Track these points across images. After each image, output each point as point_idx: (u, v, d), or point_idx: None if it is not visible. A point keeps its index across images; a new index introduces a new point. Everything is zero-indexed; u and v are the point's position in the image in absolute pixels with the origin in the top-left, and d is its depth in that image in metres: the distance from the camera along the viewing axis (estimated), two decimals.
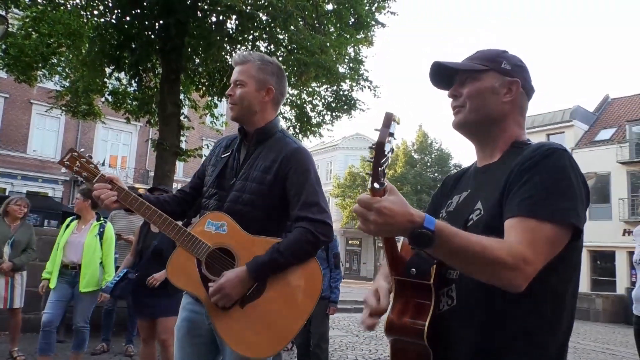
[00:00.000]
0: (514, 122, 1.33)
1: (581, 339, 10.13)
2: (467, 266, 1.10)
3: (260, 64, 2.04)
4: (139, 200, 1.93)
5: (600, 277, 24.43)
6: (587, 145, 26.28)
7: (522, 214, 1.10)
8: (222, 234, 1.90)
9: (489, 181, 1.28)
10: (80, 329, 4.48)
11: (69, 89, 11.35)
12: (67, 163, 1.97)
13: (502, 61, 1.32)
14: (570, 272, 1.20)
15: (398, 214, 1.01)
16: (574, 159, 1.18)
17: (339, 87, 10.12)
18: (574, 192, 1.12)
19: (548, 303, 1.16)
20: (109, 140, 26.18)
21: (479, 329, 1.17)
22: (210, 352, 2.01)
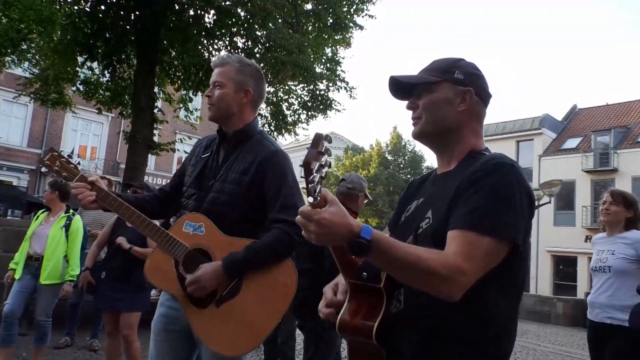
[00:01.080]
0: (470, 131, 1.36)
1: (541, 341, 10.44)
2: (403, 275, 1.15)
3: (239, 66, 2.06)
4: (118, 200, 1.94)
5: (563, 282, 25.19)
6: (554, 153, 27.02)
7: (463, 227, 1.15)
8: (199, 235, 1.93)
9: (442, 190, 1.31)
10: (42, 323, 4.36)
11: (38, 77, 11.07)
12: (47, 162, 1.98)
13: (455, 71, 1.34)
14: (511, 282, 1.24)
15: (337, 225, 1.05)
16: (521, 173, 1.22)
17: (316, 87, 10.18)
18: (515, 208, 1.17)
19: (489, 312, 1.20)
20: (78, 129, 25.55)
21: (422, 334, 1.21)
22: (186, 347, 2.03)
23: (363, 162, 32.74)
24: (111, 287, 4.01)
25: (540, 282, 25.72)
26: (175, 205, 2.17)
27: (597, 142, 25.76)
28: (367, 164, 32.38)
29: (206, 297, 1.90)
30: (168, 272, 1.93)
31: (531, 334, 11.61)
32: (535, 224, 25.94)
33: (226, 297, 1.90)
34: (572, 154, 26.11)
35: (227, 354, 1.92)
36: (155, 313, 2.10)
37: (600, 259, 3.35)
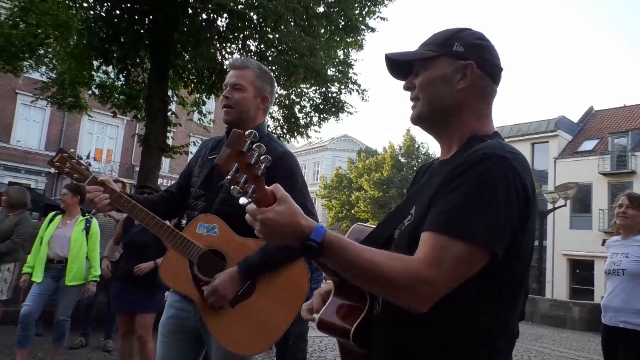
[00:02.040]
0: (473, 112, 1.18)
1: (557, 346, 10.28)
2: (358, 281, 1.04)
3: (259, 72, 2.10)
4: (131, 202, 1.97)
5: (579, 286, 24.83)
6: (570, 156, 26.70)
7: (434, 229, 1.00)
8: (213, 236, 1.95)
9: (430, 182, 1.17)
10: (62, 322, 4.49)
11: (55, 81, 11.24)
12: (57, 164, 1.98)
13: (454, 43, 1.16)
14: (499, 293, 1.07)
15: (283, 225, 0.98)
16: (513, 166, 1.03)
17: (328, 89, 10.19)
18: (497, 208, 0.99)
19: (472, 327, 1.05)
20: (94, 133, 25.91)
21: (396, 339, 1.11)
22: (193, 348, 2.05)
23: (376, 164, 32.65)
24: (126, 288, 4.05)
25: (557, 286, 25.38)
26: (182, 206, 2.19)
27: (614, 144, 25.40)
28: (380, 167, 32.29)
29: None
30: (183, 273, 1.95)
31: (546, 338, 11.45)
32: (550, 227, 25.68)
33: (241, 298, 1.92)
34: (589, 157, 25.77)
35: (241, 353, 1.94)
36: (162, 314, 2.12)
37: (614, 262, 3.33)
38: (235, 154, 0.95)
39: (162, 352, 2.04)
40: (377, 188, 31.33)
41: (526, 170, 1.06)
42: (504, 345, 1.09)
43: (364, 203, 31.92)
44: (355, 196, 32.74)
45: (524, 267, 1.11)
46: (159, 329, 2.10)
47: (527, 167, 1.08)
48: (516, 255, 1.06)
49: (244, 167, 0.96)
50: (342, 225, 34.98)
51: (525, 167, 1.06)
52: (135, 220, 2.03)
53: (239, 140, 0.96)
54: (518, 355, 8.37)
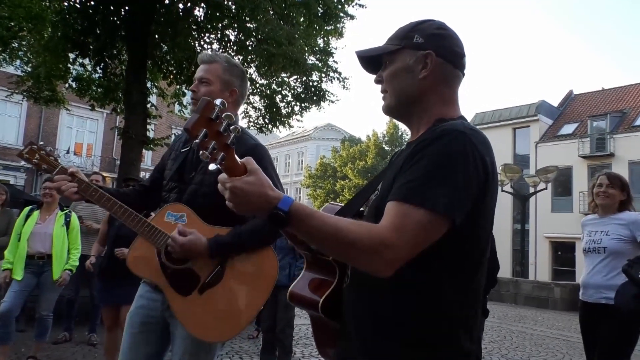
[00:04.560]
0: (437, 98, 1.23)
1: (538, 325, 10.51)
2: (325, 248, 1.09)
3: (227, 66, 2.11)
4: (99, 192, 1.97)
5: (561, 267, 25.33)
6: (551, 140, 27.07)
7: (397, 198, 1.06)
8: (181, 225, 1.96)
9: (397, 161, 1.23)
10: (45, 318, 4.48)
11: (30, 74, 11.02)
12: (27, 155, 1.99)
13: (414, 35, 1.23)
14: (459, 266, 1.12)
15: (252, 194, 1.02)
16: (472, 142, 1.09)
17: (308, 79, 10.16)
18: (456, 179, 1.05)
19: (429, 291, 1.10)
20: (74, 127, 25.49)
21: (364, 309, 1.16)
22: (158, 341, 2.05)
23: (360, 153, 32.75)
24: (111, 282, 4.04)
25: (539, 268, 25.86)
26: (155, 199, 2.20)
27: (593, 128, 25.81)
28: (364, 155, 32.40)
29: (189, 284, 1.93)
30: (151, 261, 1.97)
31: (529, 319, 11.69)
32: (533, 210, 26.09)
33: (209, 284, 1.93)
34: (569, 140, 26.16)
35: (208, 340, 1.95)
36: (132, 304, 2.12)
37: (593, 240, 3.35)
38: (204, 120, 0.97)
39: (128, 342, 2.03)
40: (361, 176, 31.46)
41: (485, 146, 1.12)
42: (468, 319, 1.14)
43: (348, 192, 32.02)
44: (340, 185, 32.84)
45: (484, 239, 1.16)
46: (126, 318, 2.10)
47: (487, 143, 1.14)
48: (477, 226, 1.12)
49: (213, 134, 0.97)
50: None
51: (484, 143, 1.12)
52: (104, 209, 2.02)
53: (208, 106, 0.97)
54: (501, 335, 8.55)
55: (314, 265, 1.30)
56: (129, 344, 2.03)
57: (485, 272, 1.19)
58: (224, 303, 1.93)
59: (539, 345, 7.96)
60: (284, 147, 43.81)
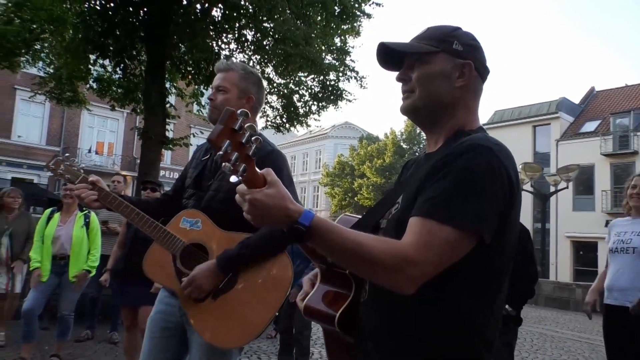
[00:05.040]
0: (464, 109, 1.22)
1: (559, 328, 10.35)
2: (345, 263, 1.07)
3: (243, 73, 2.14)
4: (117, 199, 2.01)
5: (583, 267, 24.86)
6: (572, 137, 26.59)
7: (422, 214, 1.04)
8: (196, 230, 1.98)
9: (417, 173, 1.21)
10: (66, 317, 4.57)
11: (52, 76, 11.25)
12: (52, 167, 2.09)
13: (454, 41, 1.20)
14: (480, 277, 1.10)
15: (272, 207, 1.00)
16: (498, 157, 1.07)
17: (326, 78, 10.15)
18: (484, 196, 1.03)
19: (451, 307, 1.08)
20: (95, 126, 25.93)
21: (384, 325, 1.14)
22: (178, 346, 2.07)
23: (378, 151, 32.61)
24: (130, 282, 4.08)
25: (560, 268, 25.44)
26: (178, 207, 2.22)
27: (616, 125, 25.26)
28: (382, 153, 32.26)
29: None
30: (166, 267, 1.98)
31: (549, 320, 11.52)
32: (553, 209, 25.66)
33: (222, 290, 1.94)
34: (591, 138, 25.65)
35: (222, 346, 1.95)
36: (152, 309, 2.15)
37: (622, 240, 3.24)
38: (228, 131, 0.96)
39: (148, 347, 2.06)
40: (379, 174, 31.34)
41: (510, 161, 1.10)
42: (490, 332, 1.12)
43: (366, 190, 31.94)
44: (358, 183, 32.76)
45: (508, 254, 1.14)
46: (147, 323, 2.13)
47: (511, 157, 1.12)
48: (501, 242, 1.09)
49: (236, 145, 0.96)
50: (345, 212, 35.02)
51: (508, 158, 1.10)
52: (122, 215, 2.06)
53: (231, 117, 0.96)
54: (521, 337, 8.42)
55: (329, 277, 1.26)
56: (149, 348, 2.06)
57: (507, 286, 1.17)
58: (238, 308, 1.93)
59: (560, 348, 7.84)
60: (301, 145, 43.88)
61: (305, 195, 43.16)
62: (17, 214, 5.51)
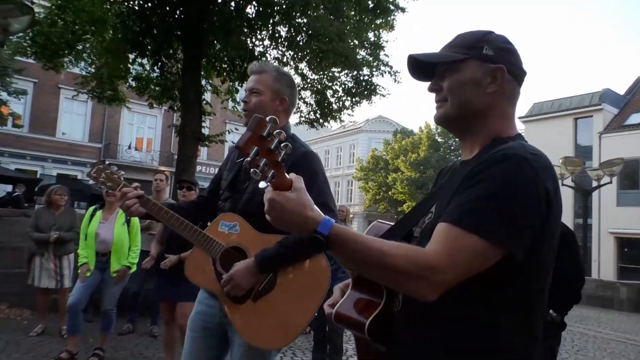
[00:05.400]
0: (499, 115, 1.19)
1: (602, 327, 10.03)
2: (369, 272, 1.07)
3: (276, 75, 2.16)
4: (157, 205, 2.08)
5: (627, 265, 23.94)
6: (616, 130, 25.56)
7: (449, 221, 1.02)
8: (234, 234, 2.02)
9: (451, 182, 1.20)
10: (109, 312, 4.74)
11: (94, 75, 11.60)
12: (94, 175, 2.14)
13: (483, 46, 1.17)
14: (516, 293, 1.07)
15: (290, 212, 1.01)
16: (534, 167, 1.04)
17: (359, 73, 10.09)
18: (514, 208, 1.01)
19: (487, 322, 1.06)
20: (134, 123, 26.68)
21: (418, 337, 1.14)
22: (219, 345, 2.12)
23: (412, 145, 32.25)
24: (167, 279, 4.19)
25: (603, 265, 24.58)
26: (213, 209, 2.26)
27: None
28: (416, 147, 31.88)
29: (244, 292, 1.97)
30: (207, 270, 2.03)
31: (592, 320, 11.17)
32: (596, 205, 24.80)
33: (262, 292, 1.97)
34: (637, 130, 24.58)
35: (262, 347, 1.99)
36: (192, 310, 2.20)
37: None
38: (256, 138, 0.98)
39: (189, 347, 2.12)
40: (414, 169, 31.00)
41: (547, 172, 1.06)
42: (524, 345, 1.09)
43: (400, 184, 31.66)
44: (392, 178, 32.51)
45: (545, 270, 1.11)
46: (187, 324, 2.18)
47: (549, 168, 1.08)
48: (536, 258, 1.06)
49: (264, 151, 0.98)
50: (379, 207, 34.82)
51: (547, 169, 1.07)
52: (162, 222, 2.11)
53: (260, 124, 0.98)
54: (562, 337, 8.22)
55: (360, 284, 1.26)
56: (190, 347, 2.12)
57: (546, 300, 1.14)
58: (278, 310, 1.96)
59: (602, 349, 7.60)
60: (335, 139, 43.84)
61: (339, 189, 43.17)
62: (63, 210, 5.81)
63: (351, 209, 39.86)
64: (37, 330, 5.53)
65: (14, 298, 6.58)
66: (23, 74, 19.70)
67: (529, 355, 1.10)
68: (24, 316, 6.40)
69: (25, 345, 5.09)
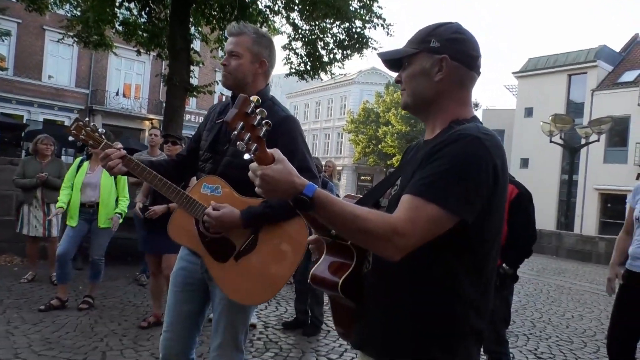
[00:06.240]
0: (452, 99, 1.34)
1: (578, 280, 10.42)
2: (344, 232, 1.21)
3: (255, 37, 2.13)
4: (140, 165, 2.10)
5: (610, 220, 24.53)
6: (609, 87, 25.51)
7: (412, 192, 1.17)
8: (217, 196, 2.07)
9: (414, 158, 1.34)
10: (97, 261, 4.84)
11: (79, 19, 11.21)
12: (74, 132, 2.12)
13: (431, 40, 1.32)
14: (469, 254, 1.23)
15: (280, 181, 1.14)
16: (485, 146, 1.18)
17: (352, 25, 9.87)
18: (468, 181, 1.16)
19: (444, 279, 1.22)
20: (122, 69, 26.09)
21: (384, 293, 1.28)
22: (200, 299, 2.22)
23: None
24: (153, 232, 4.27)
25: (586, 220, 25.19)
26: (192, 168, 2.30)
27: None
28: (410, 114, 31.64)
29: (226, 251, 2.06)
30: (190, 230, 2.10)
31: (569, 273, 11.59)
32: (583, 162, 25.10)
33: (244, 252, 2.05)
34: (629, 88, 24.55)
35: (246, 303, 2.10)
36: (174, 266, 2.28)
37: None
38: (242, 115, 1.10)
39: (172, 300, 2.22)
40: (404, 122, 30.92)
41: (497, 149, 1.21)
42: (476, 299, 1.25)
43: (391, 138, 31.68)
44: (382, 131, 32.47)
45: (494, 234, 1.28)
46: (170, 278, 2.28)
47: (499, 146, 1.23)
48: (486, 223, 1.23)
49: (248, 127, 1.11)
50: (369, 160, 34.95)
51: (496, 147, 1.22)
52: (145, 182, 2.15)
53: (245, 103, 1.11)
54: (537, 289, 8.55)
55: (334, 249, 1.40)
56: (173, 301, 2.21)
57: (496, 260, 1.31)
58: (259, 268, 2.05)
59: (576, 300, 7.93)
60: (326, 91, 43.31)
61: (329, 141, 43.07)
62: (49, 160, 5.83)
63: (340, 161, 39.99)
64: (27, 277, 5.67)
65: (4, 245, 6.70)
66: (6, 13, 18.95)
67: (481, 306, 1.27)
68: (14, 262, 6.55)
69: (17, 291, 5.23)
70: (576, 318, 6.47)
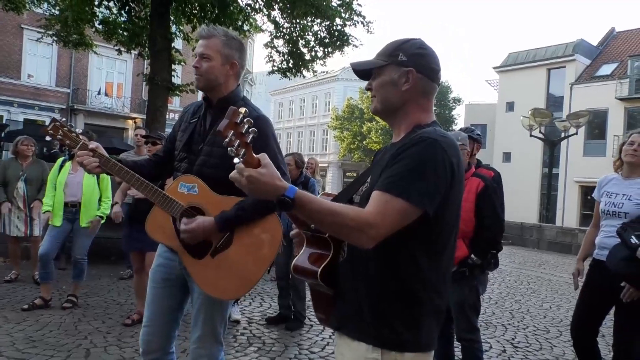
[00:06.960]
0: (416, 107, 1.51)
1: (558, 271, 10.63)
2: (322, 226, 1.36)
3: (225, 40, 2.19)
4: (118, 165, 2.15)
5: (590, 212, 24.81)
6: (587, 81, 25.96)
7: (381, 189, 1.33)
8: (193, 195, 2.14)
9: (383, 159, 1.50)
10: (79, 261, 4.86)
11: (58, 18, 11.11)
12: (51, 132, 2.13)
13: (399, 54, 1.48)
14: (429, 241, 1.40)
15: (264, 184, 1.26)
16: (443, 147, 1.35)
17: (332, 23, 9.94)
18: (428, 178, 1.32)
19: (408, 264, 1.38)
20: (103, 68, 25.74)
21: (358, 277, 1.43)
22: (179, 294, 2.29)
23: None
24: (137, 229, 4.30)
25: (568, 213, 25.62)
26: (169, 168, 2.36)
27: (634, 68, 24.51)
28: None
29: (203, 248, 2.12)
30: (167, 227, 2.17)
31: (549, 264, 11.81)
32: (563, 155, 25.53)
33: (220, 249, 2.13)
34: (606, 81, 25.01)
35: (222, 298, 2.18)
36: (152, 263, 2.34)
37: (613, 203, 3.17)
38: (232, 124, 1.24)
39: (152, 297, 2.28)
40: None
41: (452, 150, 1.39)
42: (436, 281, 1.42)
43: (375, 134, 31.85)
44: (367, 127, 32.62)
45: (451, 224, 1.45)
46: (149, 275, 2.34)
47: (455, 146, 1.41)
48: (444, 214, 1.39)
49: (238, 135, 1.24)
50: (353, 156, 35.07)
51: (452, 147, 1.39)
52: (123, 181, 2.20)
53: (235, 114, 1.25)
54: (518, 281, 8.72)
55: (313, 242, 1.56)
56: (152, 297, 2.28)
57: (454, 248, 1.49)
58: (235, 265, 2.12)
59: (554, 291, 8.09)
60: (311, 88, 43.33)
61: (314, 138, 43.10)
62: (31, 161, 5.82)
63: (326, 158, 40.09)
64: (10, 276, 5.67)
65: None
66: None
67: (439, 287, 1.44)
68: None
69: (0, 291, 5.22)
70: (554, 308, 6.64)
